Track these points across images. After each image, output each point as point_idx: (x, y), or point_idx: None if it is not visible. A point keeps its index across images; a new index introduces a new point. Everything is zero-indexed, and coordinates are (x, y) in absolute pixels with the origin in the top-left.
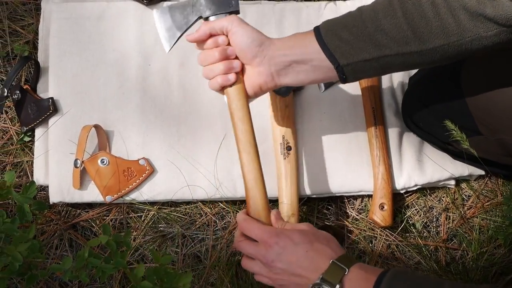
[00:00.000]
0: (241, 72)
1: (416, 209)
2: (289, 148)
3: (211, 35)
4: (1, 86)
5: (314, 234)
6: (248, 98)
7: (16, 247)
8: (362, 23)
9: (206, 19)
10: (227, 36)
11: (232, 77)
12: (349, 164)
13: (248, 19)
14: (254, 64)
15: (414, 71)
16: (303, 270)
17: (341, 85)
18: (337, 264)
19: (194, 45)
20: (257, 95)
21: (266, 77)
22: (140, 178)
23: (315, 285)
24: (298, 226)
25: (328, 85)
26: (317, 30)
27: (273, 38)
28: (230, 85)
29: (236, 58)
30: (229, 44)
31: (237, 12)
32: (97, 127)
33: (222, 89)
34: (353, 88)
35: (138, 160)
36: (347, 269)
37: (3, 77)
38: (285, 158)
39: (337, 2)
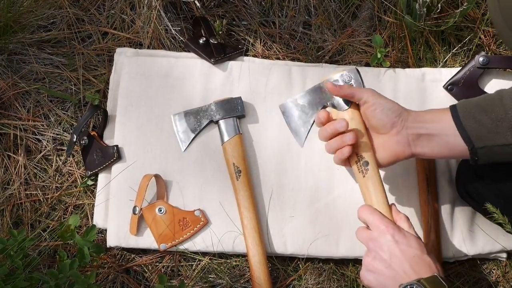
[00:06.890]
0: (356, 145)
1: (465, 279)
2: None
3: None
4: (71, 131)
5: (427, 249)
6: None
7: None
8: (502, 109)
9: (216, 122)
10: (358, 105)
11: (346, 150)
12: None
13: (309, 81)
14: (392, 133)
15: None
16: (402, 269)
17: None
18: (439, 279)
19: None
20: (390, 164)
21: (404, 145)
22: (195, 229)
23: (408, 285)
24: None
25: None
26: (454, 110)
27: (409, 109)
28: (345, 159)
29: (350, 131)
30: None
31: (243, 116)
32: (157, 176)
33: (344, 163)
34: None
35: (194, 211)
36: (447, 287)
37: (74, 123)
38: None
39: (396, 69)
